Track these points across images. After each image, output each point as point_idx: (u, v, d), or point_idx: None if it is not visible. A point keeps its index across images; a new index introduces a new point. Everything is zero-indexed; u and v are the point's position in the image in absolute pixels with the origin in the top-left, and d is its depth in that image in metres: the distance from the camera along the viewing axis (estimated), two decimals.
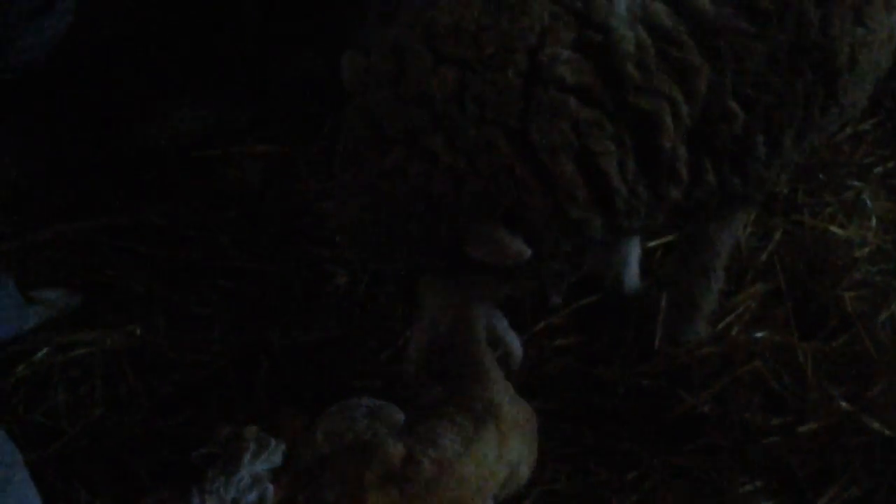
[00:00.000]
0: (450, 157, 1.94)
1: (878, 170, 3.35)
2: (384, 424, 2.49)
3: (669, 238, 3.05)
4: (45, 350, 2.85)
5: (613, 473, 2.49)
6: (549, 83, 1.93)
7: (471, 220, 1.97)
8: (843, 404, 2.57)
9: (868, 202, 3.19)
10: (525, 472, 2.51)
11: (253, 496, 2.35)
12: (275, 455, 2.42)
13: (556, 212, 1.99)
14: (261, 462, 2.40)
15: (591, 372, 2.71)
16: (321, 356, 2.83)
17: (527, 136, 1.93)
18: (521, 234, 1.98)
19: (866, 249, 3.03)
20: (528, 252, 1.97)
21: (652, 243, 3.07)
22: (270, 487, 2.35)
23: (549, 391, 2.15)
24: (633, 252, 2.98)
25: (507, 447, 2.44)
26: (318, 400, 2.63)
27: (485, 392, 2.51)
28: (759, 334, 2.79)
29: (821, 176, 3.34)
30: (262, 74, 3.76)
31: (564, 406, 2.61)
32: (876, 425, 2.51)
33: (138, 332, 2.91)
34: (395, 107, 1.98)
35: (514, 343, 2.60)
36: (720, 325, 2.82)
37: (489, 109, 1.93)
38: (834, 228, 3.10)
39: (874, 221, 3.13)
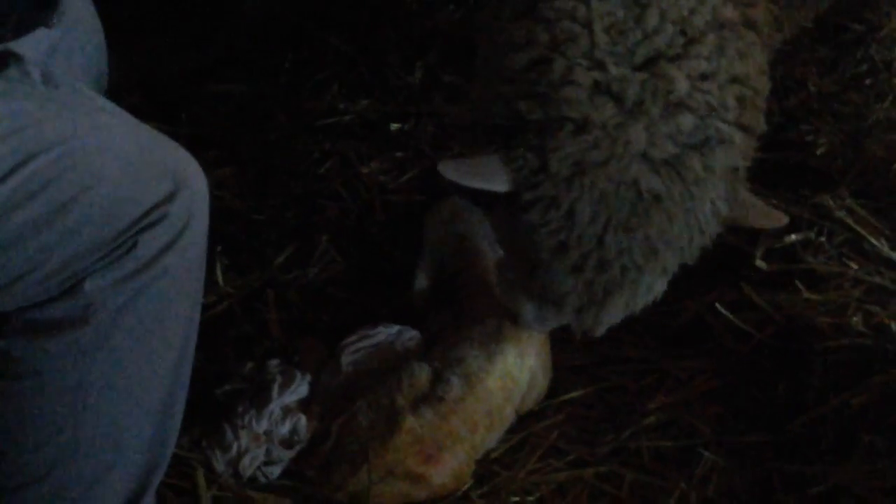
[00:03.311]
0: None
1: None
2: (404, 347, 2.53)
3: None
4: None
5: (631, 378, 2.54)
6: None
7: None
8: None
9: None
10: (543, 382, 2.56)
11: (286, 427, 2.36)
12: (301, 386, 2.44)
13: None
14: (289, 394, 2.42)
15: None
16: (327, 289, 2.82)
17: None
18: None
19: None
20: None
21: None
22: (303, 417, 2.37)
23: None
24: None
25: (526, 354, 2.49)
26: (332, 331, 2.64)
27: (497, 308, 2.56)
28: None
29: None
30: (219, 10, 3.70)
31: None
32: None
33: None
34: None
35: None
36: None
37: None
38: None
39: None
